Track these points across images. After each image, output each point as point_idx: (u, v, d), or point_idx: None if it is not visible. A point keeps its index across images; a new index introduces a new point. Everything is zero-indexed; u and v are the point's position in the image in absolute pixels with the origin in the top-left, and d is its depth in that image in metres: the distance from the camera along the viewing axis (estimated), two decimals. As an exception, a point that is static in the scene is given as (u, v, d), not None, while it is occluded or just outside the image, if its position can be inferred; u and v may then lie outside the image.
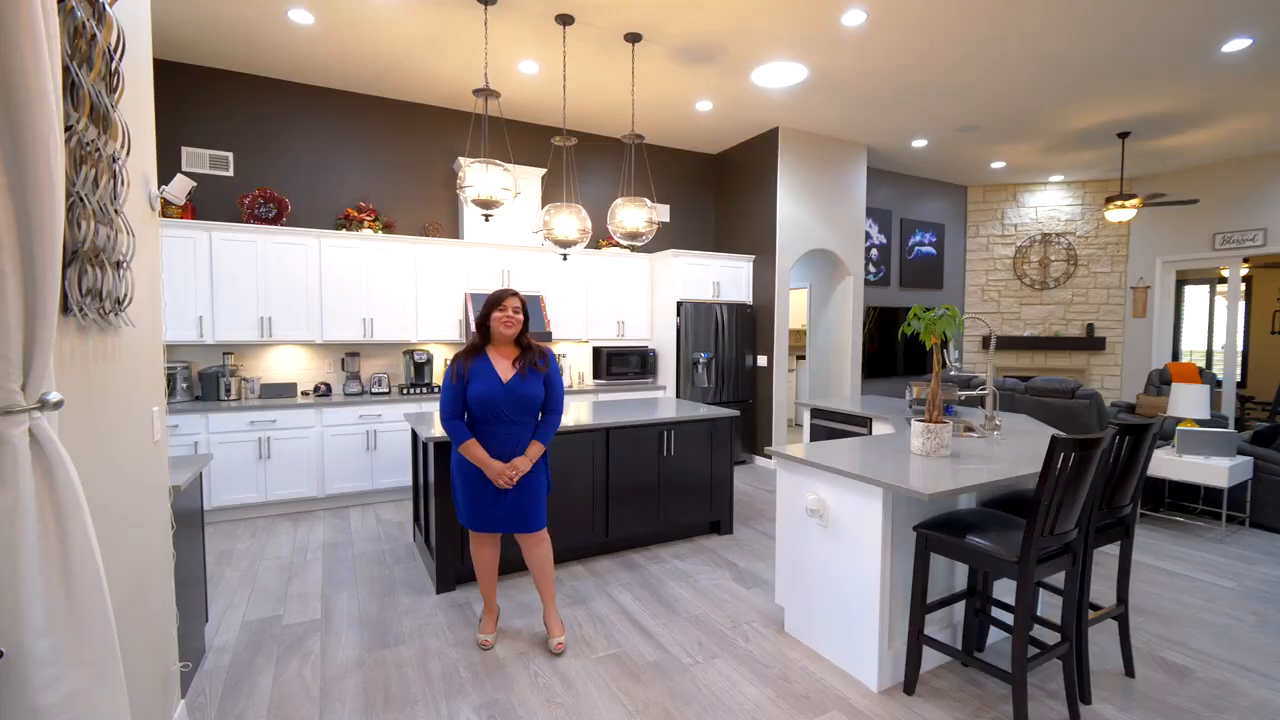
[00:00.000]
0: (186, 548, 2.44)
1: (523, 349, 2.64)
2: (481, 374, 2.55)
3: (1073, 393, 4.41)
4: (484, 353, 2.61)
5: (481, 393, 2.52)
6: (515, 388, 2.55)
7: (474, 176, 3.52)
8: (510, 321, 2.57)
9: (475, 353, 2.60)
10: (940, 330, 2.63)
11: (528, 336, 2.67)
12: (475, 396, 2.52)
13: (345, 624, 2.88)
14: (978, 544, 2.10)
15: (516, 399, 2.55)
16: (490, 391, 2.52)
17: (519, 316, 2.59)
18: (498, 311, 2.57)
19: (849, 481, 2.45)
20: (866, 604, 2.40)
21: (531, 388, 2.58)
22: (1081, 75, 4.70)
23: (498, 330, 2.58)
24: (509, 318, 2.57)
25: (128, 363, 1.70)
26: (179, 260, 4.35)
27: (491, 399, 2.52)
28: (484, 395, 2.52)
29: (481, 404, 2.52)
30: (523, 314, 2.61)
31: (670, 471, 3.88)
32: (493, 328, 2.58)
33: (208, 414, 4.27)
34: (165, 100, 4.57)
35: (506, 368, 2.59)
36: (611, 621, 2.91)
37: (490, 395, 2.52)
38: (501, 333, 2.58)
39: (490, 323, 2.58)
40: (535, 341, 2.69)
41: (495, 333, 2.59)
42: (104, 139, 1.47)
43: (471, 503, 2.60)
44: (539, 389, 2.61)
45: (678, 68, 4.60)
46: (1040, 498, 1.94)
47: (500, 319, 2.56)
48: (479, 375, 2.55)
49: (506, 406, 2.54)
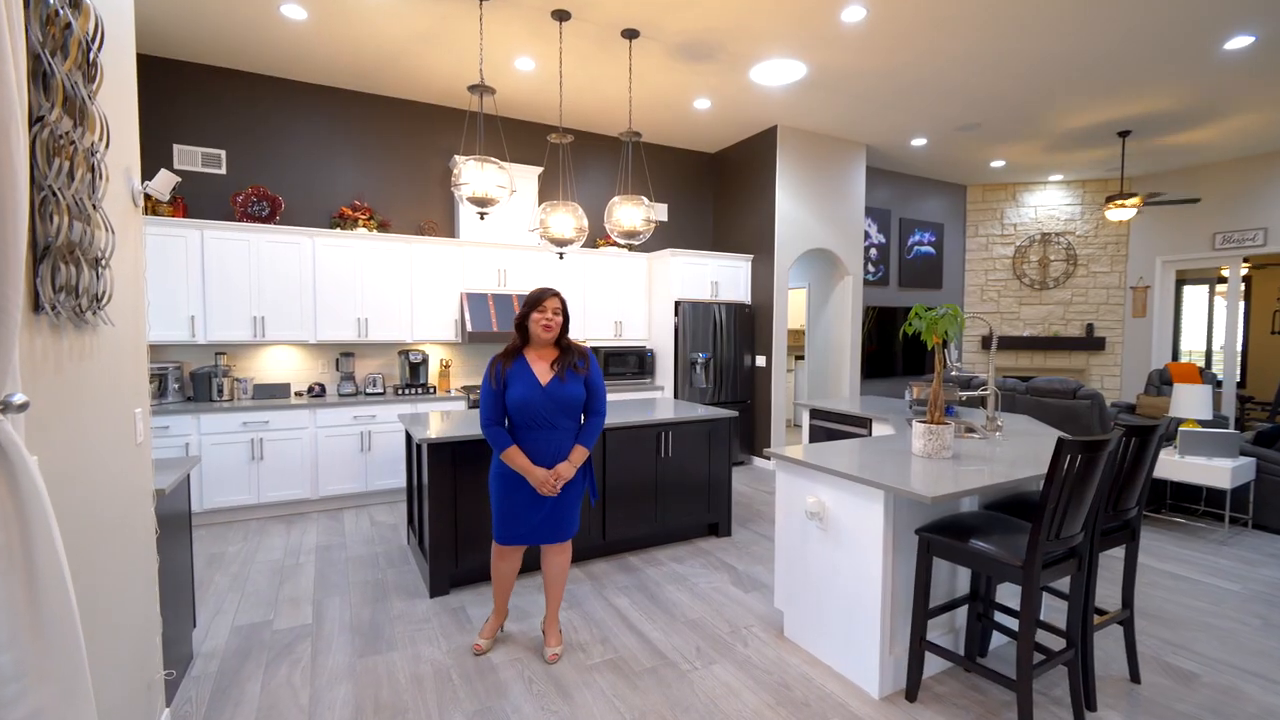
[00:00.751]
0: (173, 552, 2.38)
1: (562, 350, 2.54)
2: (519, 377, 2.45)
3: (1074, 393, 4.38)
4: (522, 355, 2.50)
5: (520, 397, 2.42)
6: (554, 391, 2.45)
7: (469, 174, 3.47)
8: (550, 324, 2.46)
9: (513, 355, 2.49)
10: (942, 330, 2.58)
11: (567, 337, 2.57)
12: (514, 401, 2.43)
13: (336, 629, 2.82)
14: (981, 548, 2.06)
15: (557, 402, 2.45)
16: (529, 395, 2.43)
17: (558, 318, 2.49)
18: (536, 313, 2.46)
19: (849, 484, 2.40)
20: (867, 609, 2.35)
21: (572, 390, 2.48)
22: (1083, 73, 4.66)
23: (536, 333, 2.47)
24: (548, 320, 2.46)
25: (107, 363, 1.65)
26: (170, 259, 4.29)
27: (530, 403, 2.42)
28: (523, 399, 2.42)
29: (521, 409, 2.43)
30: (562, 315, 2.51)
31: (668, 473, 3.83)
32: (531, 329, 2.47)
33: (199, 415, 4.21)
34: (157, 97, 4.51)
35: (545, 370, 2.48)
36: (608, 626, 2.86)
37: (529, 399, 2.42)
38: (540, 335, 2.47)
39: (529, 324, 2.48)
40: (575, 342, 2.60)
41: (534, 335, 2.48)
42: (80, 131, 1.42)
43: (508, 513, 2.49)
44: (579, 391, 2.51)
45: (676, 65, 4.56)
46: (1046, 501, 1.89)
47: (539, 321, 2.46)
48: (517, 379, 2.45)
49: (546, 410, 2.44)
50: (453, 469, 3.16)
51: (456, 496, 3.17)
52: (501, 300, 5.29)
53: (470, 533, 3.21)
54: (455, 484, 3.17)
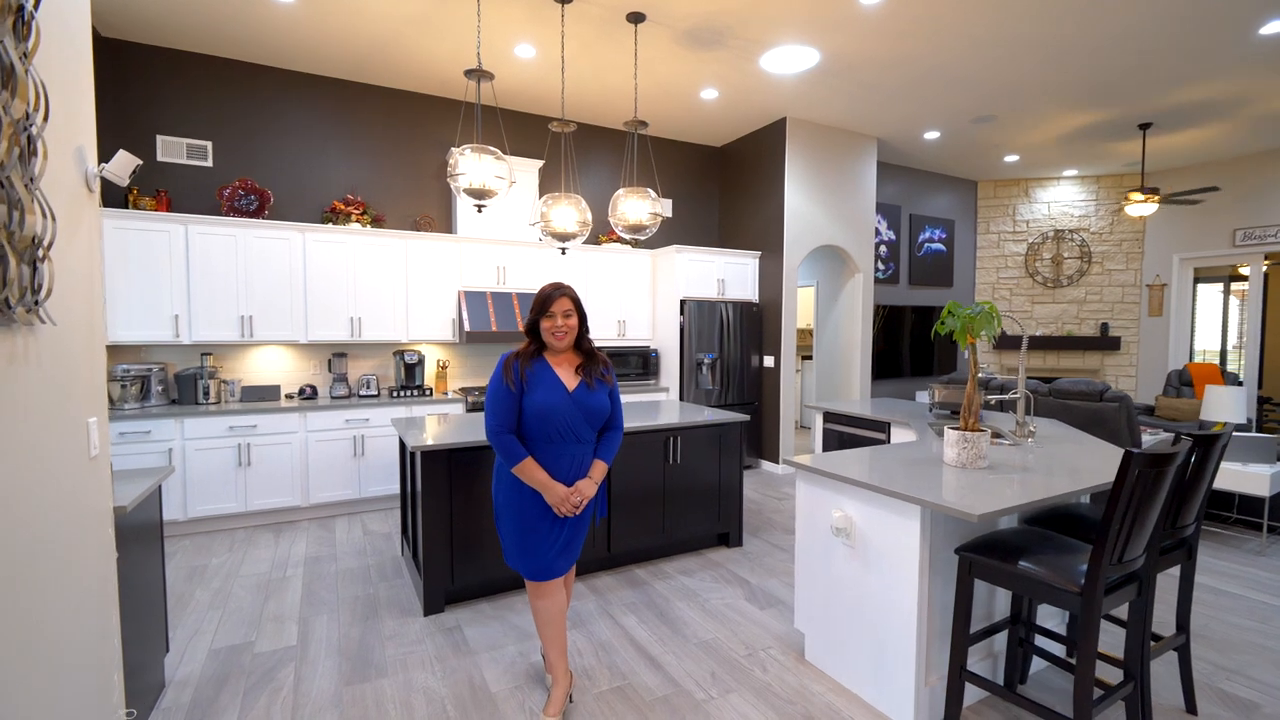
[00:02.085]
0: (142, 571, 2.18)
1: (585, 356, 2.25)
2: (543, 381, 2.14)
3: (1100, 395, 4.18)
4: (542, 357, 2.21)
5: (543, 403, 2.11)
6: (582, 398, 2.17)
7: (466, 164, 3.27)
8: (561, 333, 2.16)
9: (532, 356, 2.19)
10: (979, 329, 2.38)
11: (589, 340, 2.27)
12: (535, 408, 2.11)
13: (323, 652, 2.62)
14: (1033, 572, 1.85)
15: (585, 411, 2.16)
16: (555, 402, 2.12)
17: (571, 322, 2.17)
18: (546, 321, 2.15)
19: (881, 497, 2.20)
20: (901, 634, 2.15)
21: (599, 399, 2.20)
22: (1108, 61, 4.46)
23: (550, 343, 2.18)
24: (558, 329, 2.15)
25: (50, 367, 1.45)
26: (153, 255, 4.08)
27: (556, 411, 2.12)
28: (546, 406, 2.11)
29: (542, 417, 2.11)
30: (576, 315, 2.20)
31: (676, 480, 3.63)
32: (544, 338, 2.19)
33: (183, 419, 4.00)
34: (140, 85, 4.30)
35: (570, 376, 2.20)
36: (615, 648, 2.66)
37: (555, 407, 2.12)
38: (554, 345, 2.18)
39: (540, 333, 2.19)
40: (598, 350, 2.30)
41: (548, 344, 2.20)
42: (5, 97, 1.21)
43: (530, 542, 2.16)
44: (605, 401, 2.23)
45: (683, 51, 4.35)
46: (1110, 520, 1.69)
47: (550, 331, 2.15)
48: (540, 383, 2.14)
49: (572, 420, 2.14)
50: (449, 479, 2.95)
51: (453, 508, 2.97)
52: (500, 299, 5.09)
53: (467, 547, 3.01)
54: (451, 495, 2.96)
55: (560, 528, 2.18)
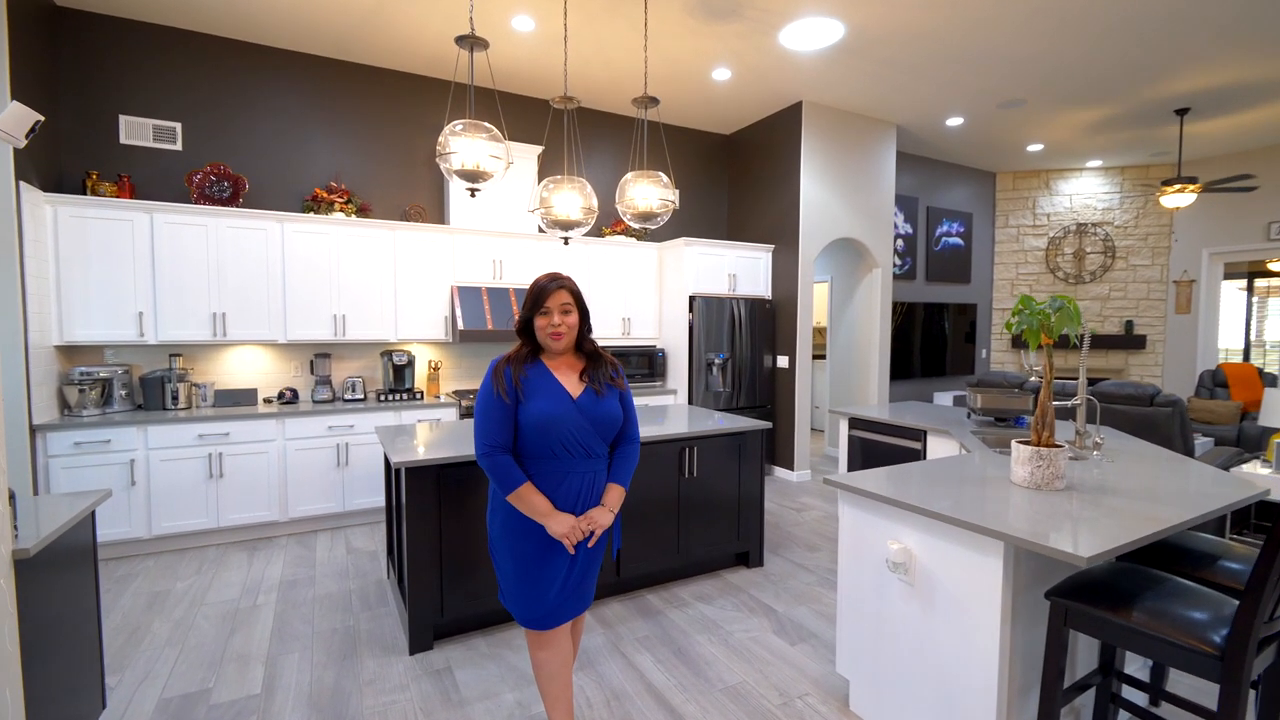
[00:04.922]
0: (71, 615, 1.82)
1: (589, 357, 1.90)
2: (542, 389, 1.79)
3: (1151, 399, 3.84)
4: (539, 360, 1.86)
5: (544, 414, 1.75)
6: (589, 406, 1.81)
7: (458, 142, 2.90)
8: (559, 332, 1.80)
9: (527, 360, 1.84)
10: (1058, 329, 2.03)
11: (591, 340, 1.92)
12: (535, 419, 1.75)
13: (290, 702, 2.26)
14: (1154, 628, 1.50)
15: (594, 422, 1.81)
16: (557, 412, 1.76)
17: (571, 319, 1.82)
18: (541, 318, 1.81)
19: (951, 529, 1.85)
20: (976, 692, 1.80)
21: (609, 407, 1.85)
22: (1153, 38, 4.11)
23: (546, 344, 1.83)
24: (556, 327, 1.80)
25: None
26: (114, 246, 3.71)
27: (559, 422, 1.76)
28: (548, 417, 1.75)
29: (544, 430, 1.75)
30: (577, 311, 1.84)
31: (692, 495, 3.28)
32: (539, 339, 1.84)
33: (147, 426, 3.63)
34: (101, 61, 3.92)
35: (574, 381, 1.85)
36: (629, 696, 2.30)
37: (558, 417, 1.76)
38: (551, 346, 1.83)
39: (535, 333, 1.84)
40: (603, 350, 1.94)
41: (544, 345, 1.85)
42: None
43: (530, 583, 1.79)
44: (617, 408, 1.88)
45: (695, 24, 3.99)
46: (1264, 569, 1.34)
47: (546, 330, 1.80)
48: (539, 390, 1.78)
49: (580, 433, 1.78)
50: (437, 498, 2.59)
51: (442, 531, 2.61)
52: (497, 294, 4.72)
53: (458, 574, 2.65)
54: (441, 516, 2.60)
55: (568, 566, 1.81)
